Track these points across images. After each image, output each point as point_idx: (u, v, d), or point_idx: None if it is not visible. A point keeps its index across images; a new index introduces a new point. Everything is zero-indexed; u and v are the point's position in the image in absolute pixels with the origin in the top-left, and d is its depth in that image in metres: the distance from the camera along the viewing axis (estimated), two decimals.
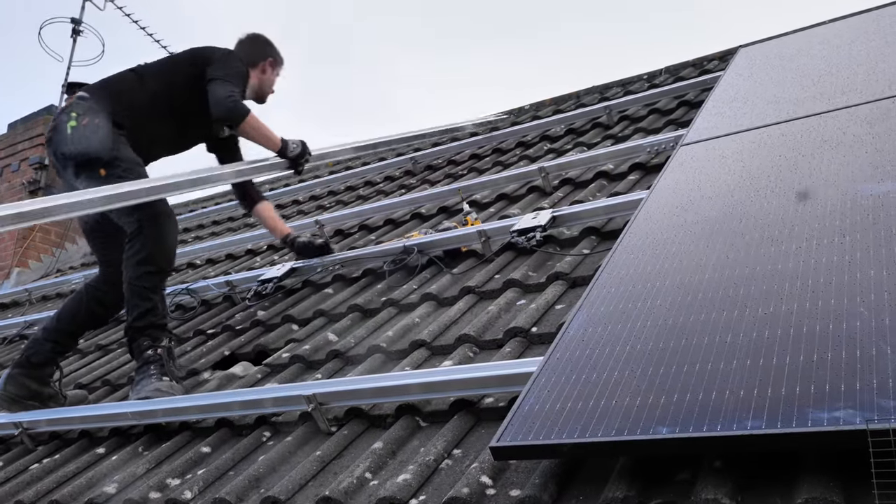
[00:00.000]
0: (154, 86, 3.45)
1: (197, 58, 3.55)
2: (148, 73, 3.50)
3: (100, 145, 3.16)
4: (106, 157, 3.17)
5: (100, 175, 3.14)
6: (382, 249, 3.55)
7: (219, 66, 3.50)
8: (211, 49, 3.60)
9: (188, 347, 3.56)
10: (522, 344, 2.36)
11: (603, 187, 3.54)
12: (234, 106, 3.41)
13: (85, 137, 3.17)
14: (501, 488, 1.70)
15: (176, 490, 2.24)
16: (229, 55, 3.61)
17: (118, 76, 3.51)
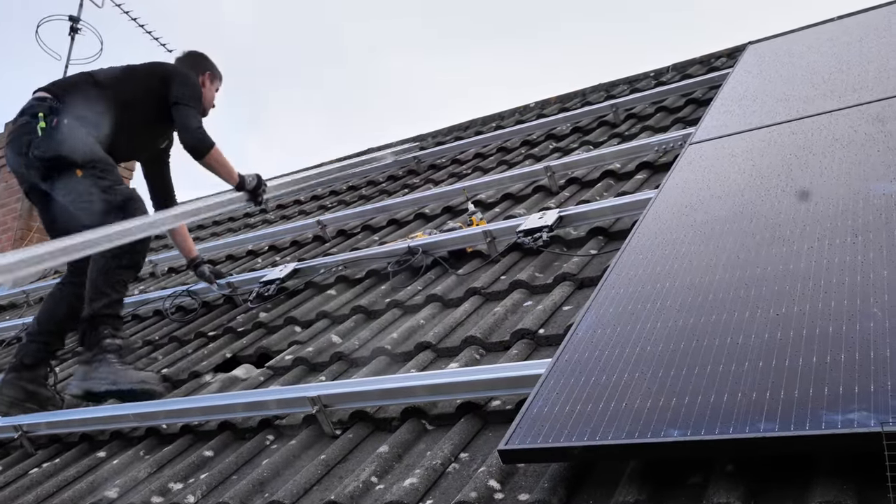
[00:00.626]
0: (110, 93, 3.50)
1: (155, 72, 3.65)
2: (105, 80, 3.54)
3: (75, 145, 3.22)
4: (81, 157, 3.21)
5: (76, 175, 3.20)
6: (386, 250, 3.51)
7: (180, 86, 3.61)
8: (170, 66, 3.73)
9: (189, 350, 3.53)
10: (530, 346, 2.32)
11: (610, 187, 3.51)
12: (203, 138, 3.58)
13: (59, 138, 3.21)
14: (510, 492, 1.67)
15: (178, 495, 2.20)
16: (187, 75, 3.71)
17: (75, 78, 3.55)
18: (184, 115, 3.57)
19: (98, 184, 3.23)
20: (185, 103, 3.59)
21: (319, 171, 4.84)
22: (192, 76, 3.74)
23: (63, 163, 3.21)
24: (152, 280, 5.25)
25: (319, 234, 4.56)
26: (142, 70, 3.68)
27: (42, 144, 3.22)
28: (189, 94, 3.62)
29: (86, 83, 3.50)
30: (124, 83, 3.57)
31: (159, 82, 3.61)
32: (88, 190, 3.22)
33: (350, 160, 6.59)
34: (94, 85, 3.50)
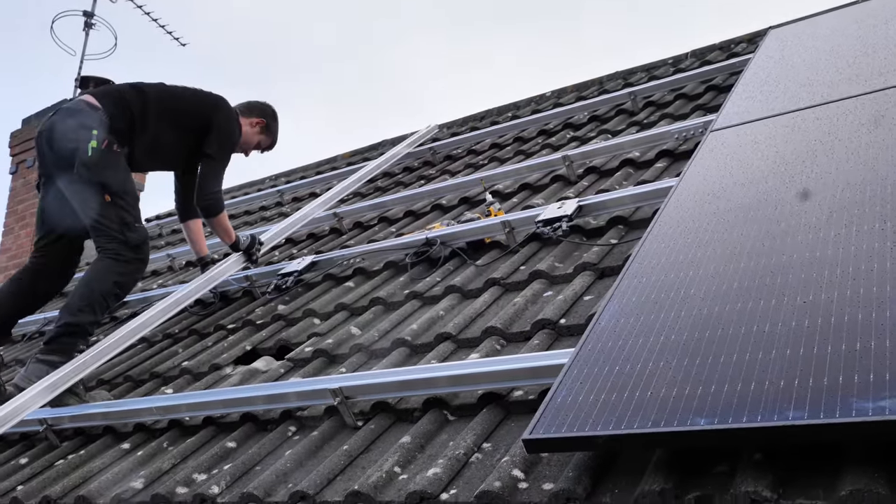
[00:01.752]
0: (155, 109, 3.64)
1: (203, 107, 3.80)
2: (151, 97, 3.67)
3: (116, 174, 3.44)
4: (116, 186, 3.42)
5: (104, 199, 3.39)
6: (404, 242, 3.51)
7: (216, 138, 3.76)
8: (218, 112, 3.82)
9: (209, 342, 3.54)
10: (551, 336, 2.31)
11: (629, 175, 3.48)
12: (216, 203, 3.81)
13: (105, 166, 3.40)
14: (534, 482, 1.66)
15: (203, 485, 2.21)
16: (229, 128, 3.85)
17: (123, 90, 3.66)
18: (207, 172, 3.77)
19: (122, 216, 3.42)
20: (214, 157, 3.77)
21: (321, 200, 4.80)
22: (234, 125, 3.87)
23: (100, 185, 3.39)
24: (170, 273, 5.27)
25: (336, 226, 4.56)
26: (189, 99, 3.81)
27: (89, 163, 3.37)
28: (220, 150, 3.79)
29: (132, 96, 3.62)
30: (168, 107, 3.70)
31: (202, 117, 3.76)
32: (111, 216, 3.40)
33: (361, 154, 6.62)
34: (139, 99, 3.62)
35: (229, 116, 3.86)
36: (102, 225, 3.41)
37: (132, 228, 3.44)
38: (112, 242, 3.41)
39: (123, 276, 3.43)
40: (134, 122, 3.57)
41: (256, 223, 5.77)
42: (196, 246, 4.18)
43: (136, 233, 3.45)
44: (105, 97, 3.54)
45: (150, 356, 3.66)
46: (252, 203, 6.38)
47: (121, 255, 3.41)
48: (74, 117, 3.42)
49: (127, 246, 3.40)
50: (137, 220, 3.51)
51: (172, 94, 3.79)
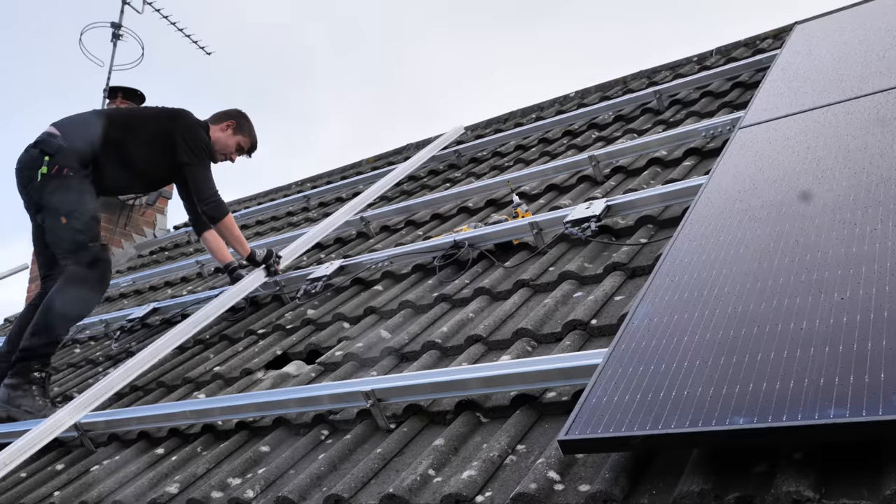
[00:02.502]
0: (117, 131, 3.74)
1: (162, 121, 3.88)
2: (113, 120, 3.79)
3: (66, 196, 3.51)
4: (67, 208, 3.50)
5: (61, 222, 3.51)
6: (431, 244, 3.51)
7: (184, 143, 3.82)
8: (174, 117, 3.90)
9: (240, 347, 3.56)
10: (582, 337, 2.30)
11: (657, 174, 3.46)
12: (218, 206, 3.88)
13: (53, 186, 3.49)
14: (570, 483, 1.66)
15: (238, 489, 2.23)
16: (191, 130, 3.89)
17: (86, 117, 3.77)
18: (196, 178, 3.85)
19: (75, 236, 3.51)
20: (190, 163, 3.83)
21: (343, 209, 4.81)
22: (197, 130, 3.91)
23: (51, 208, 3.50)
24: (199, 280, 5.31)
25: (363, 230, 4.57)
26: (150, 118, 3.93)
27: (38, 188, 3.51)
28: (195, 151, 3.84)
29: (94, 123, 3.71)
30: (133, 128, 3.80)
31: (164, 136, 3.82)
32: (66, 238, 3.53)
33: (385, 158, 6.64)
34: (102, 125, 3.71)
35: (190, 123, 3.92)
36: (59, 246, 3.55)
37: (85, 247, 3.51)
38: (66, 261, 3.53)
39: (75, 298, 3.50)
40: (94, 148, 3.65)
41: (283, 228, 5.80)
42: (218, 255, 4.24)
43: (89, 251, 3.52)
44: (67, 125, 3.66)
45: (182, 362, 3.70)
46: (279, 209, 6.42)
47: (72, 277, 3.50)
48: (35, 147, 3.57)
49: (80, 267, 3.49)
50: (92, 239, 3.56)
51: (132, 114, 3.98)
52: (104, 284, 3.66)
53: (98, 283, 3.59)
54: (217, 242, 4.19)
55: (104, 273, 3.61)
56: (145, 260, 6.86)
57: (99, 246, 3.58)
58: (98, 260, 3.55)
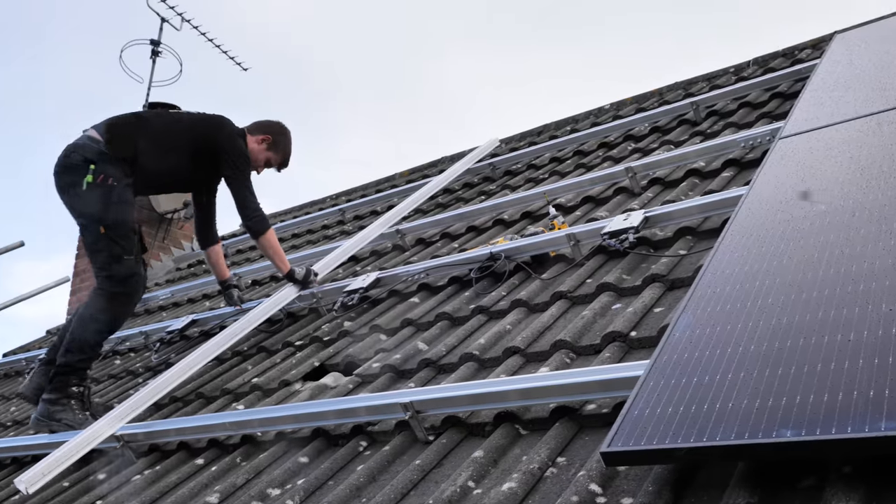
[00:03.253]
0: (157, 135, 3.75)
1: (203, 128, 3.89)
2: (153, 123, 3.82)
3: (108, 208, 3.51)
4: (110, 220, 3.51)
5: (100, 232, 3.52)
6: (468, 256, 3.51)
7: (228, 157, 3.84)
8: (216, 125, 3.91)
9: (278, 359, 3.59)
10: (622, 349, 2.29)
11: (695, 186, 3.43)
12: (261, 220, 3.91)
13: (96, 199, 3.52)
14: (612, 496, 1.64)
15: (277, 500, 2.24)
16: (233, 138, 3.90)
17: (126, 121, 3.76)
18: (240, 192, 3.87)
19: (112, 248, 3.51)
20: (234, 177, 3.87)
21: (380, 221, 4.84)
22: (238, 141, 3.93)
23: (93, 217, 3.52)
24: (237, 290, 5.35)
25: (399, 243, 4.59)
26: (191, 124, 3.92)
27: (83, 196, 3.51)
28: (238, 164, 3.87)
29: (133, 125, 3.74)
30: (172, 134, 3.83)
31: (204, 144, 3.84)
32: (102, 248, 3.53)
33: (420, 171, 6.67)
34: (141, 128, 3.74)
35: (231, 133, 3.93)
36: (95, 257, 3.57)
37: (120, 261, 3.52)
38: (99, 275, 3.56)
39: (107, 311, 3.54)
40: (137, 149, 3.67)
41: (319, 241, 5.84)
42: (217, 270, 4.34)
43: (123, 266, 3.52)
44: (108, 129, 3.66)
45: (221, 373, 3.73)
46: (314, 222, 6.48)
47: (103, 291, 3.53)
48: (77, 152, 3.56)
49: (112, 280, 3.51)
50: (128, 252, 3.56)
51: (173, 119, 3.96)
52: (136, 298, 3.68)
53: (129, 298, 3.62)
54: (220, 259, 4.32)
55: (136, 288, 3.62)
56: (183, 273, 6.95)
57: (134, 260, 3.60)
58: (133, 274, 3.57)
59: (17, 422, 4.44)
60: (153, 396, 3.36)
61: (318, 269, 4.17)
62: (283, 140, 4.17)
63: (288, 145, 4.20)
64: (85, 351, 3.53)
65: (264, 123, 4.16)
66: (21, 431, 4.21)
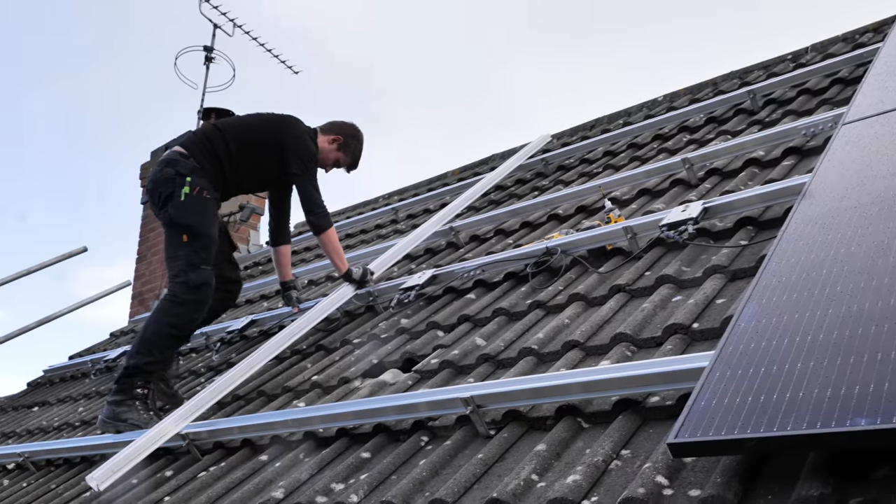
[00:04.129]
0: (235, 143, 3.89)
1: (273, 129, 4.01)
2: (229, 132, 3.93)
3: (199, 219, 3.69)
4: (196, 231, 3.67)
5: (182, 240, 3.66)
6: (523, 252, 3.50)
7: (294, 154, 3.95)
8: (285, 125, 4.03)
9: (336, 357, 3.62)
10: (684, 341, 2.26)
11: (754, 175, 3.37)
12: (324, 217, 4.01)
13: (192, 210, 3.69)
14: (679, 488, 1.62)
15: (341, 494, 2.27)
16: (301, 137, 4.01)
17: (208, 133, 3.93)
18: (306, 189, 3.98)
19: (190, 257, 3.64)
20: (300, 174, 3.97)
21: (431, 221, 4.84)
22: (307, 140, 4.04)
23: (183, 226, 3.66)
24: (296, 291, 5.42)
25: (453, 240, 4.60)
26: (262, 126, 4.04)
27: (180, 207, 3.66)
28: (302, 164, 3.97)
29: (216, 137, 3.88)
30: (250, 139, 3.96)
31: (275, 144, 3.96)
32: (181, 255, 3.66)
33: (471, 169, 6.66)
34: (221, 138, 3.88)
35: (300, 133, 4.03)
36: (173, 263, 3.68)
37: (196, 269, 3.63)
38: (174, 281, 3.66)
39: (177, 317, 3.62)
40: (221, 161, 3.84)
41: (373, 241, 5.89)
42: (281, 270, 4.43)
43: (199, 274, 3.63)
44: (193, 146, 3.82)
45: (281, 371, 3.78)
46: (367, 222, 6.53)
47: (176, 297, 3.62)
48: (171, 166, 3.72)
49: (186, 286, 3.61)
50: (205, 262, 3.67)
51: (246, 124, 4.06)
52: (206, 306, 3.76)
53: (200, 306, 3.69)
54: (286, 259, 4.42)
55: (208, 296, 3.70)
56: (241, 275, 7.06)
57: (209, 271, 3.70)
58: (206, 283, 3.66)
59: (84, 422, 4.57)
60: (216, 395, 3.43)
61: (373, 267, 4.20)
62: (354, 142, 4.26)
63: (358, 148, 4.30)
64: (153, 354, 3.61)
65: (338, 124, 4.26)
66: (89, 431, 4.33)
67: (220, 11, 7.44)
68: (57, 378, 6.26)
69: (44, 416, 5.19)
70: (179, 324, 3.65)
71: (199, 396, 3.39)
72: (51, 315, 7.46)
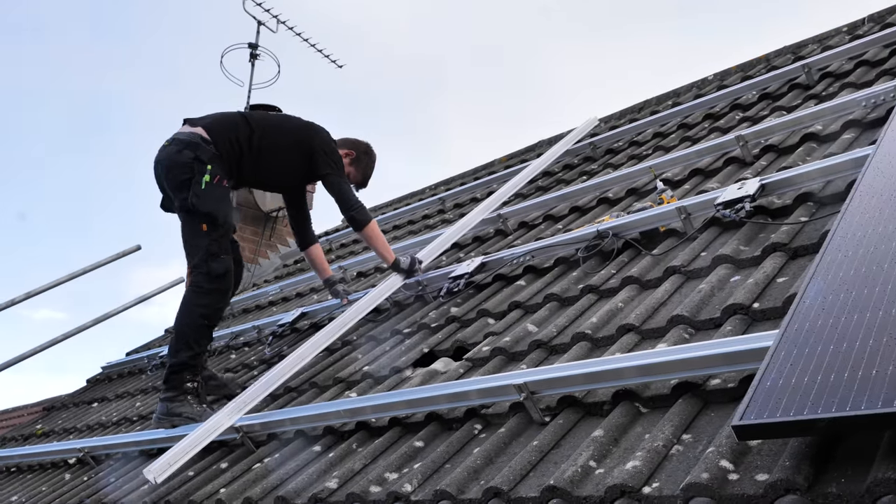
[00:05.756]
0: (260, 138, 3.86)
1: (301, 133, 4.00)
2: (258, 127, 3.89)
3: (218, 210, 3.65)
4: (216, 219, 3.63)
5: (201, 229, 3.62)
6: (574, 236, 3.43)
7: (324, 157, 3.96)
8: (313, 131, 4.03)
9: (387, 347, 3.60)
10: (744, 321, 2.18)
11: (812, 150, 3.24)
12: (361, 212, 3.99)
13: (213, 199, 3.64)
14: (745, 472, 1.56)
15: (395, 483, 2.24)
16: (328, 142, 4.03)
17: (236, 122, 3.87)
18: (340, 188, 3.97)
19: (210, 246, 3.62)
20: (331, 173, 3.97)
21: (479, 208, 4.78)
22: (333, 143, 4.06)
23: (204, 214, 3.61)
24: (341, 284, 5.42)
25: (501, 227, 4.55)
26: (288, 126, 4.03)
27: (201, 196, 3.60)
28: (333, 164, 3.98)
29: (240, 126, 3.84)
30: (275, 137, 3.93)
31: (301, 148, 3.96)
32: (201, 245, 3.63)
33: (518, 157, 6.59)
34: (246, 127, 3.84)
35: (326, 138, 4.04)
36: (192, 252, 3.66)
37: (217, 259, 3.61)
38: (196, 271, 3.64)
39: (206, 307, 3.63)
40: (242, 152, 3.80)
41: (421, 231, 5.86)
42: (319, 268, 4.46)
43: (220, 263, 3.61)
44: (218, 132, 3.75)
45: (333, 363, 3.78)
46: (414, 213, 6.50)
47: (201, 287, 3.62)
48: (191, 150, 3.64)
49: (209, 277, 3.60)
50: (224, 251, 3.65)
51: (275, 122, 4.02)
52: (231, 293, 3.80)
53: (225, 293, 3.72)
54: (320, 259, 4.44)
55: (230, 284, 3.72)
56: (290, 269, 7.12)
57: (229, 258, 3.68)
58: (228, 271, 3.66)
59: (142, 416, 4.63)
60: (268, 388, 3.44)
61: (421, 257, 4.18)
62: (367, 159, 4.28)
63: (370, 166, 4.30)
64: (192, 347, 3.63)
65: (351, 140, 4.28)
66: (146, 426, 4.39)
67: (264, 8, 7.49)
68: (115, 374, 6.38)
69: (103, 412, 5.29)
70: (209, 314, 3.67)
71: (252, 389, 3.40)
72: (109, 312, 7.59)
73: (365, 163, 4.26)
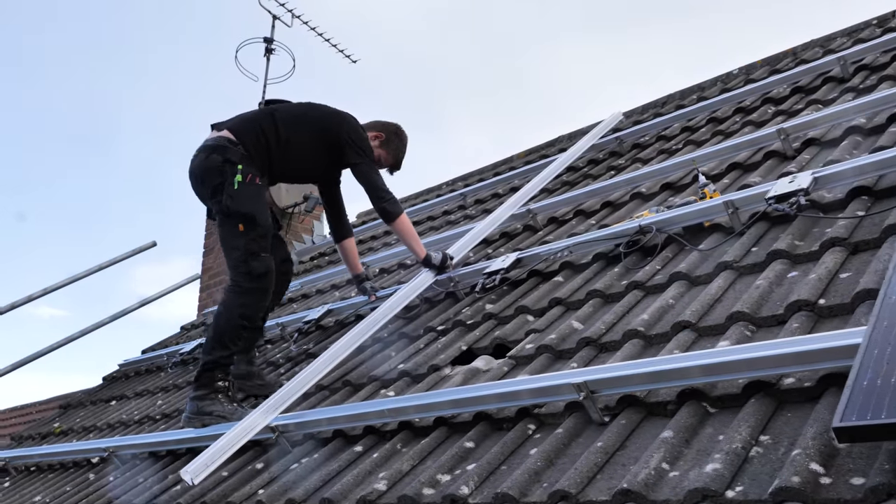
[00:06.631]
0: (287, 130, 3.82)
1: (328, 122, 3.92)
2: (281, 119, 3.84)
3: (254, 207, 3.60)
4: (252, 219, 3.58)
5: (238, 229, 3.58)
6: (614, 231, 3.37)
7: (353, 146, 3.88)
8: (341, 119, 3.94)
9: (421, 344, 3.54)
10: (810, 318, 2.12)
11: (858, 144, 3.18)
12: (392, 204, 3.90)
13: (247, 198, 3.60)
14: (837, 476, 1.50)
15: (450, 485, 2.18)
16: (357, 129, 3.95)
17: (260, 119, 3.82)
18: (369, 177, 3.90)
19: (250, 245, 3.57)
20: (361, 163, 3.89)
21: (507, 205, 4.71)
22: (362, 131, 3.98)
23: (238, 215, 3.58)
24: (370, 281, 5.36)
25: (530, 223, 4.48)
26: (314, 117, 3.95)
27: (235, 196, 3.57)
28: (362, 153, 3.90)
29: (267, 122, 3.79)
30: (303, 128, 3.88)
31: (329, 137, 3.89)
32: (239, 245, 3.59)
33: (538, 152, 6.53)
34: (272, 124, 3.79)
35: (354, 126, 3.96)
36: (231, 254, 3.62)
37: (257, 258, 3.57)
38: (235, 271, 3.60)
39: (244, 307, 3.59)
40: (270, 147, 3.75)
41: (442, 227, 5.79)
42: (350, 262, 4.36)
43: (260, 262, 3.57)
44: (244, 133, 3.71)
45: (364, 361, 3.72)
46: (434, 209, 6.43)
47: (240, 286, 3.57)
48: (219, 153, 3.62)
49: (249, 276, 3.56)
50: (264, 250, 3.61)
51: (300, 113, 3.95)
52: (270, 294, 3.73)
53: (265, 294, 3.66)
54: (353, 253, 4.33)
55: (271, 283, 3.66)
56: (307, 265, 7.05)
57: (269, 257, 3.64)
58: (269, 270, 3.61)
59: (165, 415, 4.57)
60: (303, 386, 3.37)
61: (452, 252, 4.11)
62: (398, 141, 4.17)
63: (401, 147, 4.19)
64: (227, 347, 3.58)
65: (381, 122, 4.18)
66: (171, 424, 4.33)
67: (279, 2, 7.42)
68: (132, 372, 6.32)
69: (123, 410, 5.23)
70: (248, 314, 3.62)
71: (286, 388, 3.34)
72: (125, 309, 7.55)
73: (396, 144, 4.16)
